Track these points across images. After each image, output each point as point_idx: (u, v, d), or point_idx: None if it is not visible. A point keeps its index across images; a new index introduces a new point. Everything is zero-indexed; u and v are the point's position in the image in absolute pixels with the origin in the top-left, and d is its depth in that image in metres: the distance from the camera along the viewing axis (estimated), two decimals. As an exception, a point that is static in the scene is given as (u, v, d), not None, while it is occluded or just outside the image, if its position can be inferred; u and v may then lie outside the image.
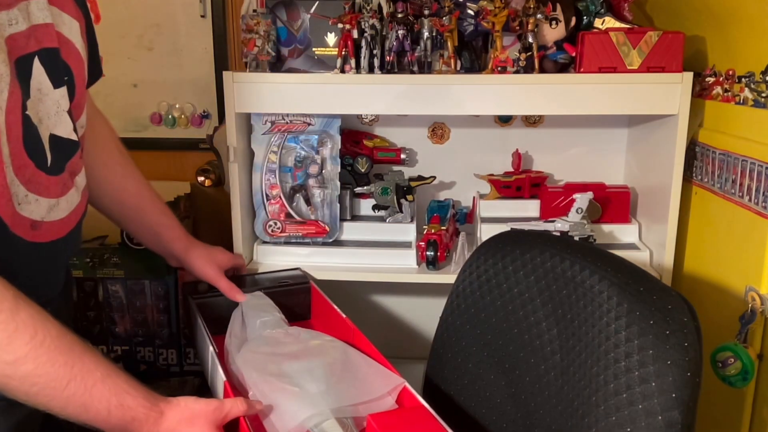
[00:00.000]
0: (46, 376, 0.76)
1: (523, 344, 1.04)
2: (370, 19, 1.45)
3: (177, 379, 1.57)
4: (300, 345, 1.12)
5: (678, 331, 0.79)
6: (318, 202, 1.60)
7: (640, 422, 0.77)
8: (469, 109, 1.49)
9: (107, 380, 0.81)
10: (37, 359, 0.75)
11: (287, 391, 0.97)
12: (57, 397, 0.78)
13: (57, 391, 0.77)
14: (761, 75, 1.24)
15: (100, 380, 0.80)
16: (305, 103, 1.47)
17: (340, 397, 0.97)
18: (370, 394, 1.00)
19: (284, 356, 1.07)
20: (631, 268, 0.93)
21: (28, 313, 0.76)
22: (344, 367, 1.05)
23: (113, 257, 1.57)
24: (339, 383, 1.00)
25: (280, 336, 1.16)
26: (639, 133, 1.66)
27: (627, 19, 1.52)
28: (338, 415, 0.94)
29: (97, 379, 0.80)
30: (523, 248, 1.09)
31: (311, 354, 1.08)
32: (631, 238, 1.61)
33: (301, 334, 1.17)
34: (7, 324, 0.74)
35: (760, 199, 1.22)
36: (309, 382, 0.99)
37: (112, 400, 0.81)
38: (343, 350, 1.10)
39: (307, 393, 0.96)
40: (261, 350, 1.10)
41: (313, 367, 1.02)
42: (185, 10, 1.79)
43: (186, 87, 1.86)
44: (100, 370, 0.81)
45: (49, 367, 0.76)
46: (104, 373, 0.81)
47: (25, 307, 0.76)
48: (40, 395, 0.77)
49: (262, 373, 1.02)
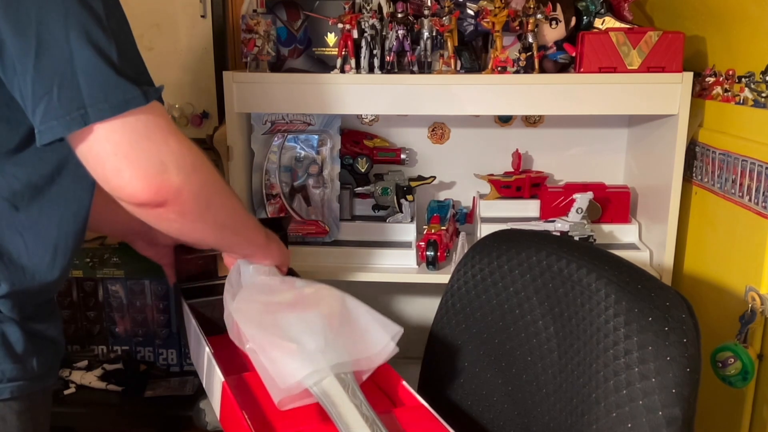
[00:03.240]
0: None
1: (520, 342, 1.04)
2: (370, 19, 1.45)
3: (177, 379, 1.57)
4: (295, 292, 1.09)
5: (677, 327, 0.79)
6: (318, 202, 1.60)
7: (641, 418, 0.77)
8: (469, 109, 1.49)
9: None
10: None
11: (284, 347, 0.94)
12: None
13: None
14: (761, 75, 1.24)
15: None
16: (305, 103, 1.47)
17: (339, 352, 0.94)
18: (369, 348, 0.98)
19: (279, 306, 1.04)
20: (629, 266, 0.93)
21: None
22: (342, 319, 1.02)
23: (113, 257, 1.57)
24: (338, 337, 0.97)
25: (275, 283, 1.12)
26: (639, 133, 1.66)
27: (627, 19, 1.52)
28: (337, 371, 0.92)
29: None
30: (519, 247, 1.09)
31: (307, 304, 1.05)
32: (631, 238, 1.61)
33: (296, 282, 1.13)
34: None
35: (760, 199, 1.22)
36: (307, 337, 0.95)
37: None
38: (341, 300, 1.06)
39: (304, 349, 0.93)
40: (255, 299, 1.07)
41: (310, 319, 0.99)
42: (185, 10, 1.79)
43: (186, 87, 1.85)
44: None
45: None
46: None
47: None
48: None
49: (258, 325, 0.99)
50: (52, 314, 0.98)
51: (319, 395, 0.90)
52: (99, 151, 0.78)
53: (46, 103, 0.75)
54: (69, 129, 0.76)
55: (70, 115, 0.75)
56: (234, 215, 1.00)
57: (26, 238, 0.89)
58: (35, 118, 0.77)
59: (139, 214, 0.85)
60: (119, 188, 0.80)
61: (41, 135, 0.77)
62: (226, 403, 0.99)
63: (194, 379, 1.56)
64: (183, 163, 0.83)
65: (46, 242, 0.91)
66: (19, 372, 0.90)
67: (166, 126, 0.82)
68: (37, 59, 0.74)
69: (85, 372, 1.54)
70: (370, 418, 0.87)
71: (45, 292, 0.95)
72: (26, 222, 0.88)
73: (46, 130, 0.76)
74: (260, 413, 0.98)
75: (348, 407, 0.89)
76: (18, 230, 0.88)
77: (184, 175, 0.83)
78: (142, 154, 0.79)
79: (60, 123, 0.75)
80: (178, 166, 0.82)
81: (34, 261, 0.90)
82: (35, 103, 0.76)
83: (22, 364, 0.90)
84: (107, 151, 0.78)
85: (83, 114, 0.75)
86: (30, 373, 0.91)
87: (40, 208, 0.89)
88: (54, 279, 0.93)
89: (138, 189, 0.80)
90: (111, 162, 0.78)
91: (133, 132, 0.78)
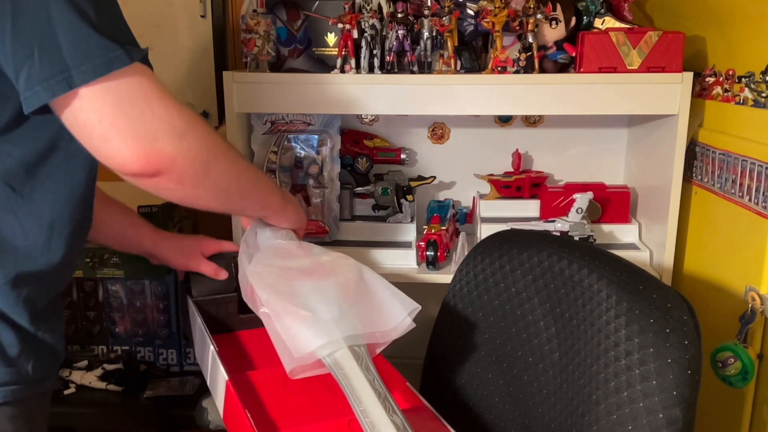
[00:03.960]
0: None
1: (521, 343, 1.04)
2: (370, 19, 1.45)
3: (177, 379, 1.57)
4: (312, 259, 1.06)
5: (678, 328, 0.79)
6: (318, 202, 1.60)
7: (641, 420, 0.77)
8: (469, 109, 1.49)
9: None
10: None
11: (299, 315, 0.92)
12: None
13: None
14: (761, 75, 1.24)
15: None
16: (305, 103, 1.47)
17: (353, 324, 0.92)
18: (385, 322, 0.95)
19: (296, 272, 1.01)
20: (629, 266, 0.93)
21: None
22: (358, 290, 0.99)
23: (113, 257, 1.56)
24: (353, 308, 0.95)
25: (292, 248, 1.10)
26: (639, 133, 1.66)
27: (627, 19, 1.52)
28: (351, 342, 0.90)
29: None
30: (520, 247, 1.09)
31: (324, 271, 1.02)
32: (631, 238, 1.61)
33: (314, 248, 1.11)
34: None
35: (760, 199, 1.22)
36: (321, 306, 0.93)
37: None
38: (357, 271, 1.04)
39: (319, 319, 0.91)
40: (272, 263, 1.04)
41: (326, 288, 0.97)
42: (185, 10, 1.79)
43: (186, 87, 1.85)
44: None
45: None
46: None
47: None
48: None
49: (273, 290, 0.97)
50: (54, 318, 0.96)
51: (332, 366, 0.89)
52: (85, 120, 0.76)
53: (28, 67, 0.73)
54: (53, 93, 0.74)
55: (54, 78, 0.73)
56: (240, 179, 0.96)
57: (20, 217, 0.87)
58: (20, 85, 0.75)
59: (136, 183, 0.83)
60: (110, 157, 0.78)
61: (27, 102, 0.75)
62: (230, 401, 0.99)
63: (194, 379, 1.56)
64: (173, 129, 0.79)
65: (41, 222, 0.88)
66: (12, 376, 0.88)
67: (151, 89, 0.78)
68: (14, 21, 0.72)
69: (85, 372, 1.54)
70: (383, 394, 0.86)
71: (47, 282, 0.92)
72: (20, 201, 0.86)
73: (31, 95, 0.74)
74: (264, 412, 0.98)
75: (360, 381, 0.87)
76: (12, 209, 0.86)
77: (176, 141, 0.79)
78: (128, 121, 0.76)
79: (43, 88, 0.73)
80: (169, 132, 0.79)
81: (29, 242, 0.88)
82: (17, 68, 0.74)
83: (15, 368, 0.88)
84: (93, 120, 0.76)
85: (67, 77, 0.73)
86: (24, 378, 0.89)
87: (33, 186, 0.87)
88: (54, 263, 0.91)
89: (128, 158, 0.77)
90: (97, 130, 0.76)
91: (116, 97, 0.76)
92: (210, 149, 0.87)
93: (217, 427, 1.40)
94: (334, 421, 0.89)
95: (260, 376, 1.05)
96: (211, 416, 1.44)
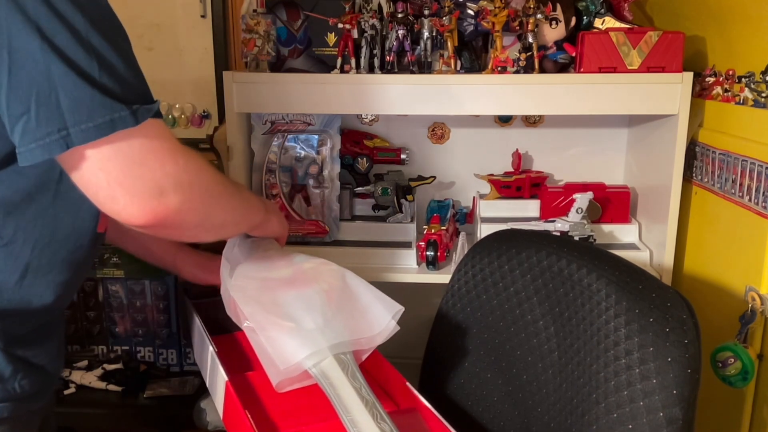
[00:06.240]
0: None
1: (520, 342, 1.04)
2: (370, 19, 1.45)
3: (177, 379, 1.57)
4: (293, 267, 1.06)
5: (678, 328, 0.79)
6: (318, 202, 1.60)
7: (642, 419, 0.77)
8: (469, 109, 1.49)
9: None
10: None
11: (283, 327, 0.92)
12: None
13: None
14: (761, 75, 1.24)
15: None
16: (305, 103, 1.47)
17: (338, 331, 0.92)
18: (370, 327, 0.95)
19: (278, 282, 1.02)
20: (629, 266, 0.93)
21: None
22: (342, 296, 0.99)
23: (113, 257, 1.56)
24: (337, 315, 0.95)
25: (273, 258, 1.10)
26: (639, 133, 1.66)
27: (627, 19, 1.52)
28: (337, 351, 0.90)
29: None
30: (519, 247, 1.09)
31: (306, 279, 1.02)
32: (631, 238, 1.61)
33: (295, 257, 1.10)
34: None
35: (760, 199, 1.22)
36: (305, 315, 0.93)
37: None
38: (341, 275, 1.04)
39: (303, 329, 0.91)
40: (253, 275, 1.04)
41: (309, 296, 0.97)
42: (185, 10, 1.79)
43: (186, 87, 1.85)
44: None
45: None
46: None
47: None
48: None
49: (256, 303, 0.97)
50: (43, 341, 0.93)
51: (318, 376, 0.89)
52: (90, 178, 0.74)
53: (24, 123, 0.71)
54: (50, 153, 0.71)
55: (51, 137, 0.70)
56: (234, 211, 0.96)
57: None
58: (14, 138, 0.72)
59: (137, 230, 0.81)
60: (115, 213, 0.76)
61: (22, 157, 0.72)
62: (230, 402, 0.99)
63: (194, 379, 1.56)
64: (180, 183, 0.78)
65: (17, 262, 0.86)
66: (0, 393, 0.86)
67: (162, 148, 0.77)
68: (11, 74, 0.70)
69: (85, 372, 1.54)
70: (370, 401, 0.87)
71: (23, 316, 0.89)
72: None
73: (27, 152, 0.72)
74: (263, 412, 0.99)
75: (347, 390, 0.88)
76: None
77: (181, 193, 0.79)
78: (138, 181, 0.75)
79: (39, 146, 0.71)
80: (176, 186, 0.78)
81: (1, 277, 0.85)
82: (13, 122, 0.71)
83: (2, 385, 0.86)
84: (100, 179, 0.74)
85: (65, 136, 0.70)
86: (12, 394, 0.87)
87: (16, 227, 0.84)
88: (30, 302, 0.88)
89: (134, 215, 0.76)
90: (104, 190, 0.75)
91: (125, 159, 0.74)
92: (212, 194, 0.87)
93: (216, 427, 1.40)
94: (334, 421, 0.89)
95: (260, 377, 1.04)
96: (210, 417, 1.43)
